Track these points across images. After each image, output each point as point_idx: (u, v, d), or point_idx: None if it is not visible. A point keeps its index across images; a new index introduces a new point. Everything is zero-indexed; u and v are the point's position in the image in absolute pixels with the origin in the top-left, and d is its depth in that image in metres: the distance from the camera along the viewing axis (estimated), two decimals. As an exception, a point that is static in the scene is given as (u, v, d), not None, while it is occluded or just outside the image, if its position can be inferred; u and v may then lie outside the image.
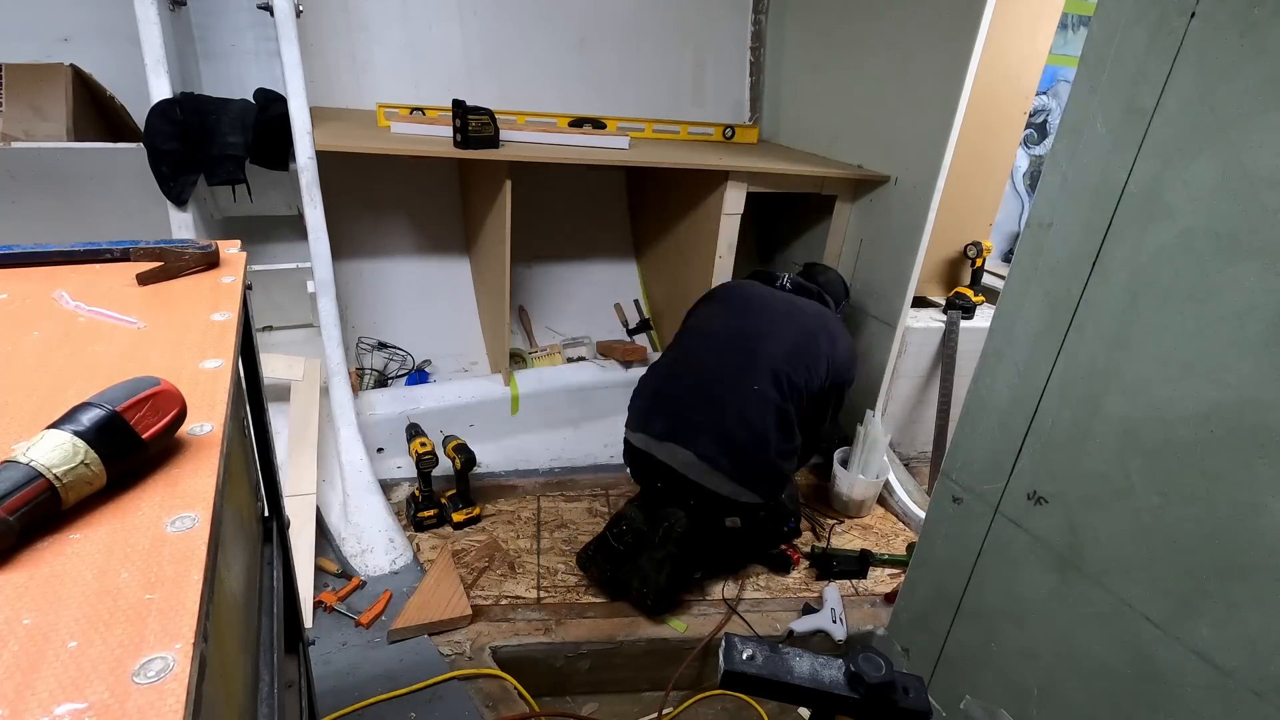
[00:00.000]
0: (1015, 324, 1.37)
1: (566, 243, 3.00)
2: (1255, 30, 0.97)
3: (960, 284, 2.78)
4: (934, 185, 2.20)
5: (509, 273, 2.34)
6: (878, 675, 0.80)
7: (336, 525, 2.07)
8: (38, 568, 0.44)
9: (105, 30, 2.18)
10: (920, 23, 2.22)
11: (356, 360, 2.58)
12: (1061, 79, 3.50)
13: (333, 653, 1.73)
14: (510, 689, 1.72)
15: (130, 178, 2.05)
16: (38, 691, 0.36)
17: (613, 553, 1.96)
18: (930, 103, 2.19)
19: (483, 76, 2.67)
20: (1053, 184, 1.27)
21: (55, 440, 0.48)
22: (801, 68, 2.86)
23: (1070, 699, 1.33)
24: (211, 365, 0.69)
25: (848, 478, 2.41)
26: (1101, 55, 1.17)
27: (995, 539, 1.45)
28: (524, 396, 2.59)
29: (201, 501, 0.50)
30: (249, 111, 2.03)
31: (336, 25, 2.45)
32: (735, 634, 0.86)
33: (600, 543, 2.00)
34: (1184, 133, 1.07)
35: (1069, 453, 1.28)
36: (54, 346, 0.70)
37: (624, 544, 1.95)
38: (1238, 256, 1.02)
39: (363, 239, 2.64)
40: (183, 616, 0.41)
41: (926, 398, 2.71)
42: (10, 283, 0.85)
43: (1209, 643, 1.09)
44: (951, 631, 1.58)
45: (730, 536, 2.02)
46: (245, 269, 0.94)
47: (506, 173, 2.14)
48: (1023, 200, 3.71)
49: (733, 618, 1.97)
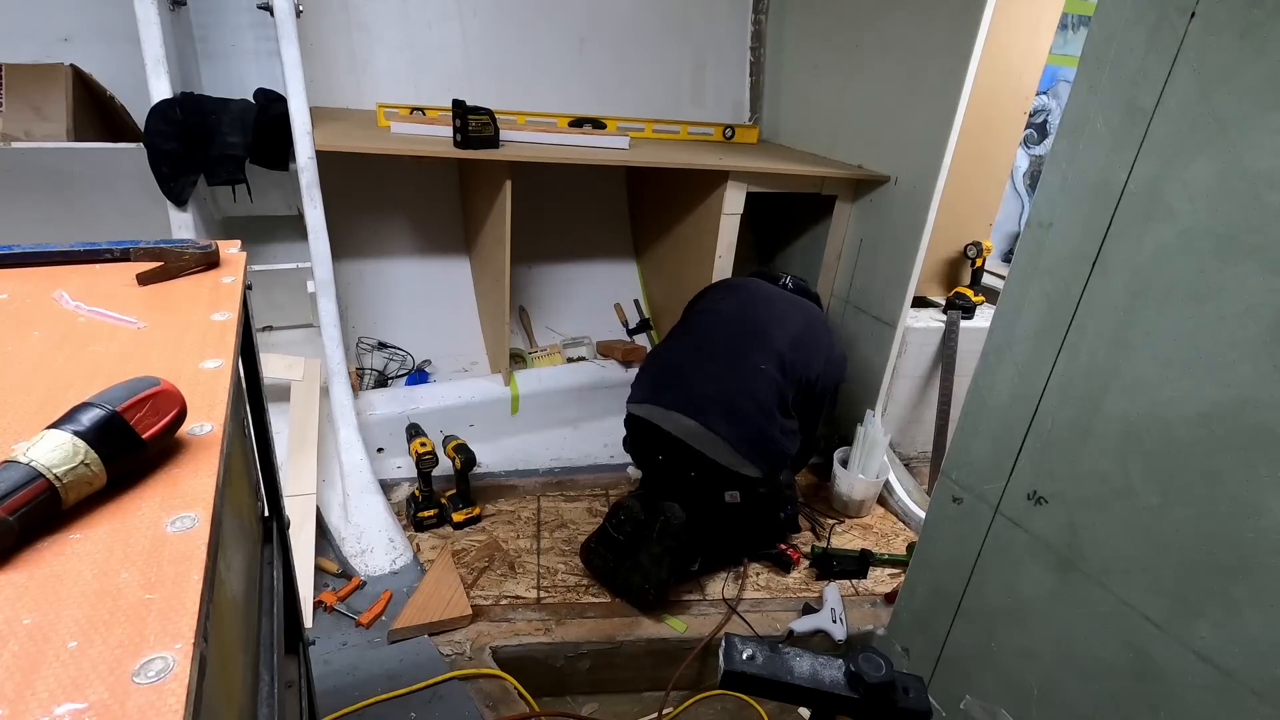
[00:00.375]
0: (1015, 324, 1.37)
1: (566, 243, 3.00)
2: (1255, 30, 0.97)
3: (960, 284, 2.78)
4: (934, 185, 2.20)
5: (509, 273, 2.34)
6: (878, 675, 0.80)
7: (336, 525, 2.07)
8: (38, 568, 0.44)
9: (105, 30, 2.18)
10: (920, 23, 2.22)
11: (356, 360, 2.58)
12: (1061, 79, 3.50)
13: (333, 653, 1.73)
14: (510, 689, 1.72)
15: (130, 178, 2.05)
16: (38, 691, 0.36)
17: (614, 543, 1.99)
18: (930, 102, 2.19)
19: (483, 76, 2.67)
20: (1053, 184, 1.27)
21: (55, 440, 0.48)
22: (801, 68, 2.86)
23: (1070, 699, 1.33)
24: (211, 365, 0.69)
25: (848, 477, 2.41)
26: (1101, 55, 1.17)
27: (995, 539, 1.45)
28: (524, 396, 2.59)
29: (201, 501, 0.50)
30: (249, 111, 2.03)
31: (336, 25, 2.45)
32: (735, 634, 0.86)
33: (601, 534, 2.03)
34: (1184, 133, 1.07)
35: (1069, 453, 1.28)
36: (54, 346, 0.70)
37: (624, 534, 1.97)
38: (1238, 256, 1.02)
39: (363, 239, 2.64)
40: (183, 616, 0.41)
41: (926, 398, 2.71)
42: (10, 283, 0.85)
43: (1209, 643, 1.09)
44: (951, 631, 1.58)
45: (728, 519, 2.03)
46: (245, 269, 0.94)
47: (506, 173, 2.14)
48: (1023, 200, 3.71)
49: (733, 618, 1.97)
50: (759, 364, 1.94)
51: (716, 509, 2.01)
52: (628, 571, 1.95)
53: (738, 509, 2.02)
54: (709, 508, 2.00)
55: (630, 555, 1.96)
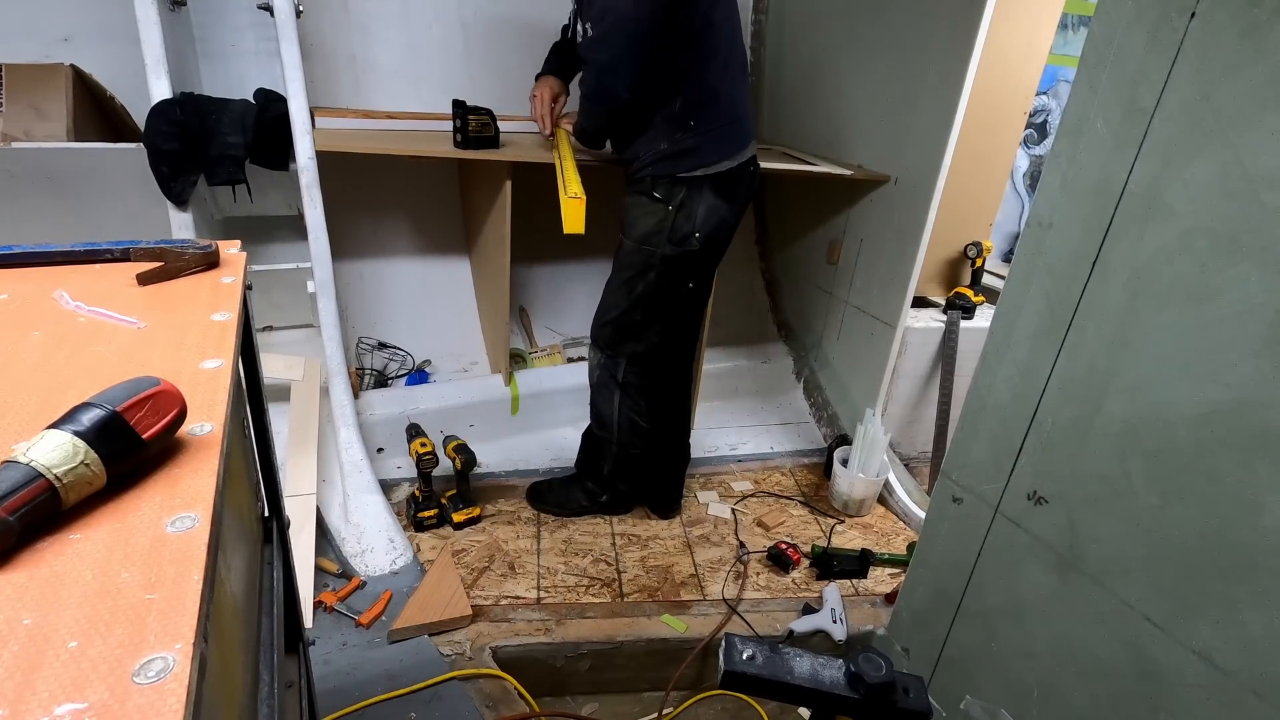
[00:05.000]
0: (1015, 324, 1.37)
1: (567, 243, 2.99)
2: (1255, 30, 0.97)
3: (960, 284, 2.78)
4: (934, 185, 2.20)
5: (509, 273, 2.34)
6: (878, 675, 0.80)
7: (336, 525, 2.07)
8: (38, 568, 0.44)
9: (105, 30, 2.18)
10: (920, 23, 2.22)
11: (356, 360, 2.58)
12: (1061, 79, 3.50)
13: (333, 653, 1.73)
14: (510, 689, 1.72)
15: (130, 178, 2.05)
16: (38, 691, 0.36)
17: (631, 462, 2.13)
18: (930, 102, 2.19)
19: (483, 76, 2.67)
20: (1053, 184, 1.27)
21: (55, 440, 0.48)
22: (802, 67, 2.86)
23: (1070, 699, 1.33)
24: (211, 365, 0.69)
25: (848, 476, 2.41)
26: (1101, 55, 1.17)
27: (995, 539, 1.45)
28: (524, 396, 2.59)
29: (201, 501, 0.50)
30: (249, 111, 2.03)
31: (336, 25, 2.45)
32: (735, 634, 0.86)
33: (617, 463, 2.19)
34: (1184, 132, 1.07)
35: (1069, 453, 1.28)
36: (54, 347, 0.70)
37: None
38: (1238, 256, 1.01)
39: (363, 239, 2.64)
40: (183, 616, 0.41)
41: (926, 398, 2.71)
42: (10, 283, 0.85)
43: (1209, 643, 1.09)
44: (951, 631, 1.58)
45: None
46: (245, 269, 0.94)
47: (507, 173, 2.14)
48: (1023, 200, 3.70)
49: (733, 618, 1.97)
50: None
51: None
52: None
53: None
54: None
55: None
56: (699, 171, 1.81)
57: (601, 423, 2.18)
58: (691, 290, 1.99)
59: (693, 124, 1.78)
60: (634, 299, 1.96)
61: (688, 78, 1.75)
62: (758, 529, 2.35)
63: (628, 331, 2.02)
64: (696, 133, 1.79)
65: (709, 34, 1.72)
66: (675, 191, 1.83)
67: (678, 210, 1.83)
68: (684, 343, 2.17)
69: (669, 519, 2.35)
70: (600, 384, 2.13)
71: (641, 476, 2.29)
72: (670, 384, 2.19)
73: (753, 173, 1.95)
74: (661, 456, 2.29)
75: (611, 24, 1.66)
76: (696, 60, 1.73)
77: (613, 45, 1.68)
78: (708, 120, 1.79)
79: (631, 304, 1.97)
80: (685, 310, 2.06)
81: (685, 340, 2.17)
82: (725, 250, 2.04)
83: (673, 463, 2.33)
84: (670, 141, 1.80)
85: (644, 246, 1.89)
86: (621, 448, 2.17)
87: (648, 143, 1.83)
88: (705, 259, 1.95)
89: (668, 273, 1.91)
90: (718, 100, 1.79)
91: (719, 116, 1.81)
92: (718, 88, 1.78)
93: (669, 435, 2.27)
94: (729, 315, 2.98)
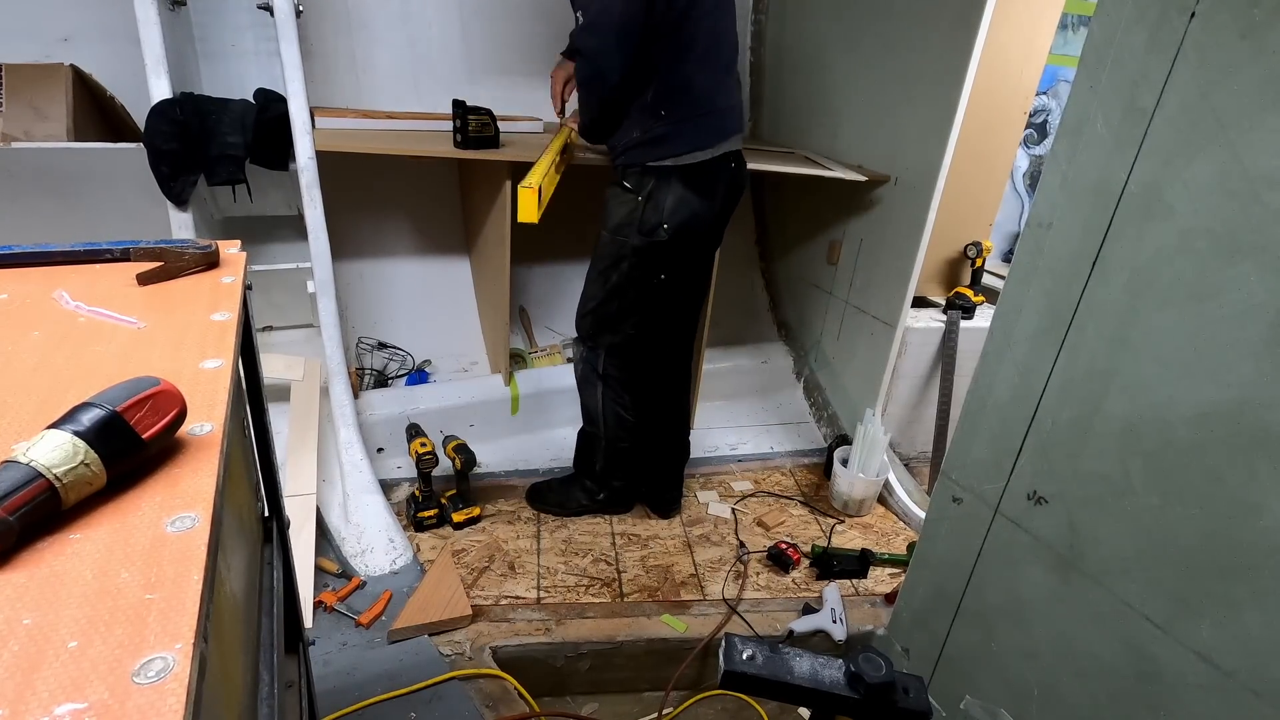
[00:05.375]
0: (1015, 324, 1.37)
1: (567, 243, 2.99)
2: (1255, 30, 0.97)
3: (960, 284, 2.78)
4: (934, 185, 2.20)
5: (509, 273, 2.34)
6: (878, 675, 0.80)
7: (336, 525, 2.07)
8: (38, 568, 0.44)
9: (105, 30, 2.17)
10: (920, 23, 2.21)
11: (356, 360, 2.58)
12: (1061, 79, 3.50)
13: (333, 653, 1.73)
14: (510, 689, 1.72)
15: (130, 178, 2.05)
16: (38, 691, 0.36)
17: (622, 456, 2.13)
18: (930, 102, 2.19)
19: (483, 77, 2.67)
20: (1053, 184, 1.27)
21: (55, 440, 0.48)
22: (801, 67, 2.86)
23: (1070, 699, 1.33)
24: (211, 365, 0.69)
25: (848, 476, 2.41)
26: (1101, 55, 1.17)
27: (995, 539, 1.45)
28: (524, 396, 2.59)
29: (201, 501, 0.50)
30: (249, 111, 2.03)
31: (336, 25, 2.45)
32: (735, 634, 0.86)
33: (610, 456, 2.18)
34: (1184, 132, 1.07)
35: (1069, 453, 1.28)
36: (54, 347, 0.70)
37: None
38: (1238, 256, 1.01)
39: (363, 239, 2.64)
40: (183, 617, 0.41)
41: (926, 398, 2.71)
42: (10, 283, 0.85)
43: (1209, 643, 1.09)
44: (951, 631, 1.58)
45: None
46: (245, 269, 0.94)
47: (507, 173, 2.14)
48: (1023, 200, 3.70)
49: (733, 618, 1.97)
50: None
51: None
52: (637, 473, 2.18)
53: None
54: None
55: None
56: (668, 161, 1.80)
57: (590, 417, 2.19)
58: (664, 282, 1.96)
59: (663, 113, 1.78)
60: (609, 290, 1.96)
61: (659, 67, 1.74)
62: (758, 529, 2.35)
63: (605, 323, 2.02)
64: (668, 121, 1.78)
65: (686, 25, 1.71)
66: (645, 182, 1.83)
67: (646, 201, 1.83)
68: (664, 336, 2.14)
69: (669, 518, 2.35)
70: (583, 377, 2.14)
71: (635, 472, 2.28)
72: (656, 378, 2.18)
73: (734, 169, 1.93)
74: (658, 454, 2.29)
75: (598, 11, 1.66)
76: (670, 50, 1.73)
77: (600, 32, 1.68)
78: (679, 110, 1.78)
79: (607, 295, 1.98)
80: (661, 303, 2.02)
81: (666, 334, 2.14)
82: (708, 246, 2.04)
83: (671, 461, 2.33)
84: (642, 130, 1.80)
85: (617, 237, 1.90)
86: (610, 441, 2.17)
87: (624, 132, 1.83)
88: (676, 251, 1.92)
89: (639, 264, 1.91)
90: (690, 90, 1.79)
91: (693, 107, 1.80)
92: (691, 79, 1.78)
93: (662, 432, 2.27)
94: (729, 315, 2.98)
